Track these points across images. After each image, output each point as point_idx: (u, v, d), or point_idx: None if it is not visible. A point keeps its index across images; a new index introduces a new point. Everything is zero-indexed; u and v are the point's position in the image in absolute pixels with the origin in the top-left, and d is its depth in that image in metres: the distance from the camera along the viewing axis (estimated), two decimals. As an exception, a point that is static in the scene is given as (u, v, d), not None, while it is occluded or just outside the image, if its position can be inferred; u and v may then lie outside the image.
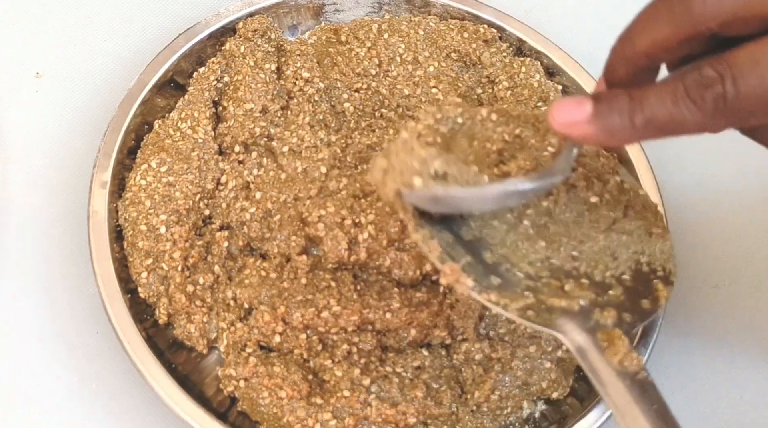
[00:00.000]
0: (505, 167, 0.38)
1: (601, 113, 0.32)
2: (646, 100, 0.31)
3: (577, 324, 0.34)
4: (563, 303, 0.35)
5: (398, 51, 0.55)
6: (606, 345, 0.34)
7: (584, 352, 0.34)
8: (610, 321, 0.34)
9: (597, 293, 0.36)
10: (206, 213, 0.48)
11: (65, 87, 0.55)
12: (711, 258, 0.54)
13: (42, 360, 0.46)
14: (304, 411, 0.42)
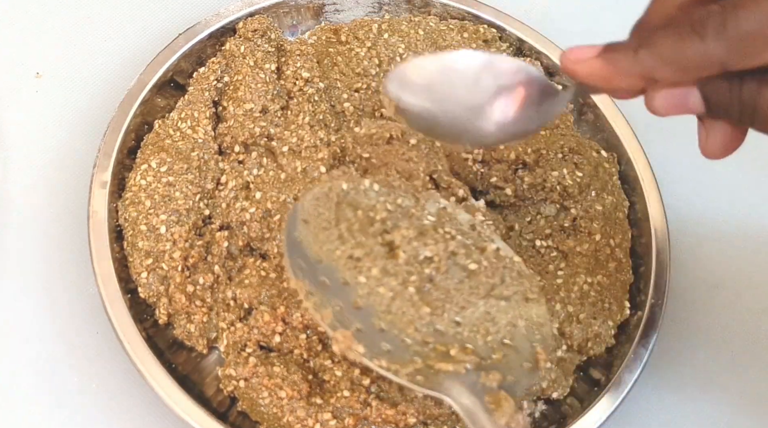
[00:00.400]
0: (389, 236, 0.41)
1: (608, 49, 0.33)
2: (652, 35, 0.32)
3: (465, 388, 0.35)
4: (450, 367, 0.36)
5: (398, 51, 0.55)
6: (493, 407, 0.35)
7: (472, 415, 0.35)
8: (494, 383, 0.36)
9: (481, 357, 0.37)
10: (206, 213, 0.48)
11: (65, 87, 0.55)
12: (711, 258, 0.54)
13: (42, 360, 0.46)
14: (304, 411, 0.42)
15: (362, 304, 0.38)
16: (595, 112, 0.54)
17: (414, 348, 0.37)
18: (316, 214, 0.41)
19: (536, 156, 0.51)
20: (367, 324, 0.37)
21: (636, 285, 0.49)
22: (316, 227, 0.40)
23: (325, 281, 0.38)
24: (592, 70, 0.34)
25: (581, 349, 0.47)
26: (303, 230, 0.40)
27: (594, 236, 0.49)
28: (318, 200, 0.41)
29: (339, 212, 0.41)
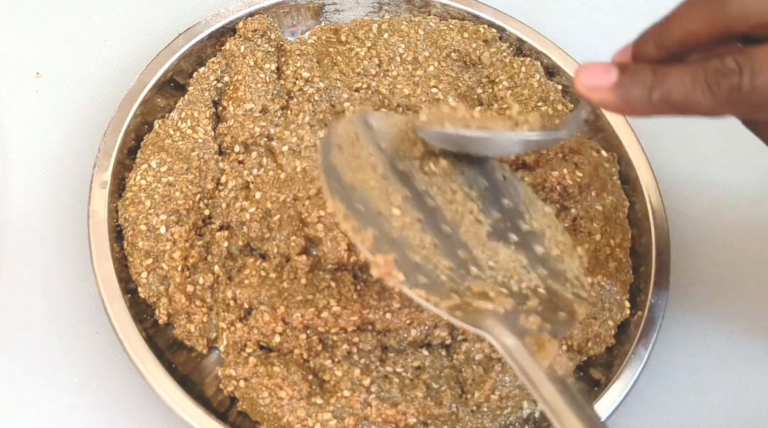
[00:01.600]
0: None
1: (624, 83, 0.34)
2: (667, 78, 0.33)
3: (506, 327, 0.34)
4: (489, 305, 0.35)
5: (398, 51, 0.55)
6: (536, 348, 0.34)
7: (514, 354, 0.34)
8: (535, 327, 0.35)
9: (517, 302, 0.36)
10: (206, 213, 0.48)
11: (65, 87, 0.55)
12: (711, 258, 0.54)
13: (42, 360, 0.46)
14: (304, 411, 0.42)
15: (396, 236, 0.37)
16: (595, 112, 0.54)
17: (450, 285, 0.36)
18: (350, 142, 0.39)
19: (536, 156, 0.51)
20: (402, 256, 0.36)
21: (636, 285, 0.49)
22: (350, 154, 0.39)
23: (359, 207, 0.37)
24: (604, 100, 0.35)
25: (581, 349, 0.47)
26: (337, 155, 0.38)
27: (594, 236, 0.49)
28: (351, 126, 0.40)
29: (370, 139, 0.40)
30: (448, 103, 0.43)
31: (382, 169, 0.39)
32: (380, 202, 0.38)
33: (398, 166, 0.40)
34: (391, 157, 0.40)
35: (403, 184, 0.39)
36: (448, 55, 0.55)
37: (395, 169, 0.39)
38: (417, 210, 0.38)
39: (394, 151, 0.40)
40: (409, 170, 0.40)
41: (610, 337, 0.47)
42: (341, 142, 0.39)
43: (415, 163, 0.40)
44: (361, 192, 0.37)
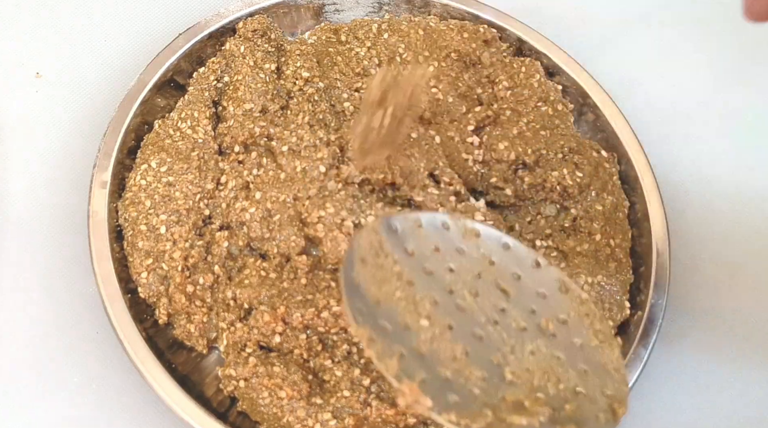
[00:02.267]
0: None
1: None
2: None
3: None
4: (524, 421, 0.34)
5: (398, 51, 0.55)
6: None
7: None
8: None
9: (554, 408, 0.35)
10: (206, 213, 0.48)
11: (65, 87, 0.55)
12: (711, 258, 0.54)
13: (42, 361, 0.46)
14: (304, 411, 0.42)
15: (426, 350, 0.35)
16: (595, 112, 0.54)
17: (483, 399, 0.34)
18: (374, 252, 0.38)
19: (536, 156, 0.51)
20: (432, 373, 0.35)
21: (636, 285, 0.49)
22: (374, 266, 0.38)
23: (385, 325, 0.36)
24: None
25: (581, 349, 0.47)
26: (360, 270, 0.37)
27: (594, 236, 0.49)
28: (375, 235, 0.38)
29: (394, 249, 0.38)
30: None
31: (408, 275, 0.38)
32: (407, 314, 0.36)
33: (426, 267, 0.38)
34: (419, 259, 0.38)
35: (431, 287, 0.37)
36: (448, 55, 0.55)
37: (423, 271, 0.38)
38: (447, 315, 0.37)
39: (421, 252, 0.39)
40: (437, 270, 0.38)
41: (610, 337, 0.47)
42: (365, 254, 0.38)
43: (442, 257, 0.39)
44: (387, 306, 0.36)
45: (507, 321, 0.37)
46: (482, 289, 0.38)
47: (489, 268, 0.39)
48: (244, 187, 0.49)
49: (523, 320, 0.38)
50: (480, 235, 0.40)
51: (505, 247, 0.40)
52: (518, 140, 0.52)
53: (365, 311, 0.35)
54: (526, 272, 0.40)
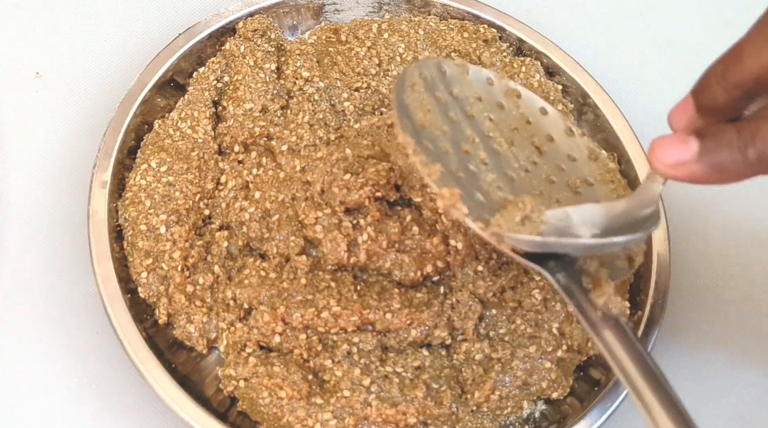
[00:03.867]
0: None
1: (709, 150, 0.30)
2: (759, 133, 0.29)
3: (563, 266, 0.35)
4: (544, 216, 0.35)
5: (398, 50, 0.55)
6: (592, 287, 0.35)
7: (571, 292, 0.34)
8: (592, 268, 0.35)
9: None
10: (206, 213, 0.48)
11: (65, 87, 0.55)
12: (711, 258, 0.54)
13: (42, 360, 0.46)
14: (304, 411, 0.42)
15: (462, 175, 0.37)
16: (595, 112, 0.54)
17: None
18: (423, 83, 0.40)
19: (536, 156, 0.51)
20: (468, 193, 0.36)
21: (636, 285, 0.49)
22: (423, 94, 0.39)
23: (428, 145, 0.37)
24: (692, 174, 0.31)
25: (581, 349, 0.47)
26: (410, 94, 0.39)
27: (594, 236, 0.49)
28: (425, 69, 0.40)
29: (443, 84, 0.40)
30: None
31: (452, 111, 0.39)
32: (449, 142, 0.38)
33: (467, 110, 0.40)
34: (463, 102, 0.40)
35: (471, 127, 0.39)
36: (448, 54, 0.55)
37: (465, 113, 0.40)
38: (484, 152, 0.38)
39: (465, 97, 0.40)
40: (478, 115, 0.40)
41: (610, 337, 0.47)
42: (415, 81, 0.39)
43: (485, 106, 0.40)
44: (430, 132, 0.38)
45: (538, 172, 0.39)
46: (517, 141, 0.39)
47: (526, 126, 0.41)
48: (243, 186, 0.49)
49: (552, 174, 0.39)
50: (521, 96, 0.42)
51: (542, 112, 0.42)
52: (518, 140, 0.52)
53: (410, 129, 0.37)
54: (560, 136, 0.41)
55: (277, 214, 0.47)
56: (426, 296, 0.46)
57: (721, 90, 0.30)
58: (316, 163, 0.48)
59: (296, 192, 0.48)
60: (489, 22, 0.57)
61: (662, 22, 0.64)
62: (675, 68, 0.61)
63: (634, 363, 0.32)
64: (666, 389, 0.32)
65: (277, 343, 0.44)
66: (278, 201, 0.48)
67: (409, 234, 0.47)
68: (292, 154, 0.49)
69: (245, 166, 0.49)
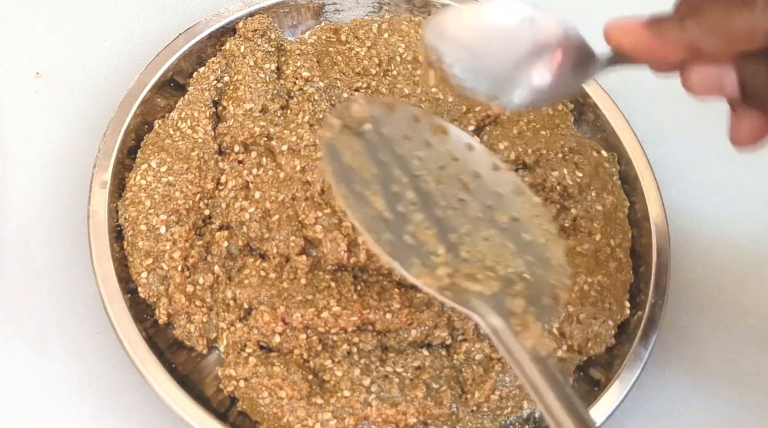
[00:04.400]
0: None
1: (655, 18, 0.33)
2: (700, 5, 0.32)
3: (492, 308, 0.35)
4: (477, 287, 0.36)
5: (398, 50, 0.55)
6: (520, 329, 0.35)
7: (499, 334, 0.35)
8: (519, 309, 0.36)
9: (503, 285, 0.37)
10: (206, 213, 0.48)
11: (65, 87, 0.55)
12: (711, 258, 0.54)
13: (42, 360, 0.46)
14: (304, 411, 0.42)
15: (390, 217, 0.38)
16: (595, 112, 0.54)
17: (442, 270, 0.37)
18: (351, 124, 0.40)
19: (536, 156, 0.51)
20: (397, 236, 0.37)
21: (636, 285, 0.49)
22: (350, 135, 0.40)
23: (357, 188, 0.38)
24: (637, 40, 0.34)
25: (581, 349, 0.47)
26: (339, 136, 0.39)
27: (594, 236, 0.49)
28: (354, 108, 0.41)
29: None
30: None
31: (380, 152, 0.40)
32: (377, 184, 0.38)
33: (395, 150, 0.40)
34: (390, 141, 0.40)
35: (400, 168, 0.39)
36: (448, 54, 0.55)
37: (393, 153, 0.40)
38: (412, 193, 0.39)
39: (392, 136, 0.41)
40: (406, 154, 0.40)
41: (610, 337, 0.47)
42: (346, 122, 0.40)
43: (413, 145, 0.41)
44: (360, 174, 0.38)
45: (465, 210, 0.39)
46: (445, 179, 0.40)
47: (452, 163, 0.41)
48: (243, 186, 0.49)
49: (479, 211, 0.40)
50: (447, 133, 0.42)
51: (468, 148, 0.42)
52: (518, 140, 0.52)
53: (339, 171, 0.38)
54: (486, 172, 0.42)
55: (277, 214, 0.47)
56: (426, 296, 0.46)
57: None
58: (316, 163, 0.48)
59: (296, 192, 0.48)
60: (489, 22, 0.57)
61: (662, 22, 0.64)
62: (675, 68, 0.61)
63: (562, 404, 0.33)
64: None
65: (277, 343, 0.44)
66: (278, 201, 0.48)
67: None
68: (292, 154, 0.49)
69: (245, 166, 0.49)
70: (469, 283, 0.36)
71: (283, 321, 0.44)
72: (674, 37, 0.33)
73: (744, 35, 0.31)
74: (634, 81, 0.60)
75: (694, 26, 0.32)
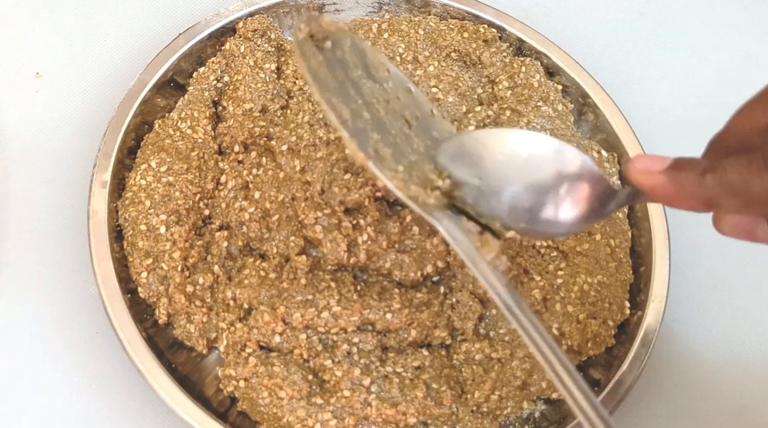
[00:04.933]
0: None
1: (677, 166, 0.33)
2: (722, 162, 0.31)
3: (453, 222, 0.37)
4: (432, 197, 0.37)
5: (398, 50, 0.55)
6: (479, 245, 0.36)
7: (461, 244, 0.36)
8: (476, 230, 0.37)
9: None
10: (206, 213, 0.48)
11: (65, 87, 0.55)
12: (711, 258, 0.54)
13: (42, 360, 0.46)
14: (304, 411, 0.42)
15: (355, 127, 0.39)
16: (595, 112, 0.54)
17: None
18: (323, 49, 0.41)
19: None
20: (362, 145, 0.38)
21: (636, 285, 0.49)
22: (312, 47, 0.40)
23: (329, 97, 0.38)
24: (656, 185, 0.33)
25: (581, 349, 0.47)
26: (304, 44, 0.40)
27: (594, 236, 0.49)
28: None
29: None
30: None
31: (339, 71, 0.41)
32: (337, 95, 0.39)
33: (349, 74, 0.41)
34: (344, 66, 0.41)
35: (354, 89, 0.41)
36: (448, 54, 0.55)
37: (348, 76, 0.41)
38: (367, 112, 0.40)
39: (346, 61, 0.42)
40: (358, 81, 0.41)
41: (610, 337, 0.47)
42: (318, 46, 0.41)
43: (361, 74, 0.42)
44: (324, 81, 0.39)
45: (410, 143, 0.41)
46: (391, 112, 0.41)
47: (396, 101, 0.42)
48: (243, 186, 0.49)
49: (422, 148, 0.41)
50: (390, 72, 0.43)
51: (408, 91, 0.44)
52: (518, 140, 0.51)
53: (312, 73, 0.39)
54: (424, 116, 0.43)
55: (276, 214, 0.47)
56: (426, 296, 0.46)
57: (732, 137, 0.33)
58: (316, 163, 0.48)
59: (296, 192, 0.48)
60: (489, 22, 0.57)
61: (662, 22, 0.64)
62: (675, 68, 0.61)
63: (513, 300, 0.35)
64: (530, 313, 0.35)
65: (277, 343, 0.44)
66: (278, 201, 0.48)
67: (409, 234, 0.47)
68: (292, 154, 0.49)
69: (245, 166, 0.49)
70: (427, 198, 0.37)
71: (283, 321, 0.44)
72: (692, 192, 0.32)
73: (763, 200, 0.30)
74: (634, 81, 0.60)
75: (713, 184, 0.31)
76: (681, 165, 0.33)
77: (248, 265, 0.46)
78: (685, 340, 0.51)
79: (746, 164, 0.30)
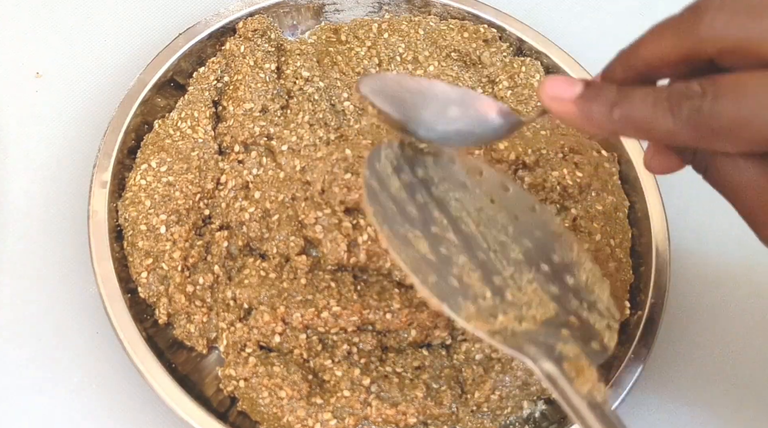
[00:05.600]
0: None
1: (587, 96, 0.33)
2: (630, 96, 0.32)
3: (544, 353, 0.35)
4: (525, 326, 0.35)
5: (398, 50, 0.55)
6: (575, 374, 0.34)
7: (554, 380, 0.34)
8: (572, 354, 0.35)
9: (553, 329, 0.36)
10: (206, 213, 0.48)
11: (65, 87, 0.55)
12: (711, 258, 0.54)
13: (42, 360, 0.46)
14: (304, 411, 0.42)
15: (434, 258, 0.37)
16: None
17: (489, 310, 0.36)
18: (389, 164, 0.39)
19: (536, 156, 0.51)
20: (442, 278, 0.36)
21: (636, 285, 0.49)
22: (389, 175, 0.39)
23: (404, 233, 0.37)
24: (566, 112, 0.34)
25: (581, 349, 0.47)
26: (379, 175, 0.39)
27: (594, 236, 0.49)
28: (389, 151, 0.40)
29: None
30: None
31: (419, 195, 0.39)
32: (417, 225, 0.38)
33: (433, 192, 0.40)
34: (427, 184, 0.40)
35: (439, 209, 0.39)
36: (448, 54, 0.55)
37: (431, 195, 0.39)
38: (453, 233, 0.38)
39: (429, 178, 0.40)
40: (444, 196, 0.40)
41: (610, 337, 0.47)
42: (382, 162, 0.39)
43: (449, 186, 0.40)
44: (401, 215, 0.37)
45: (506, 252, 0.39)
46: (484, 221, 0.39)
47: (490, 205, 0.40)
48: (243, 186, 0.49)
49: (521, 253, 0.39)
50: (483, 174, 0.42)
51: (504, 188, 0.42)
52: (518, 140, 0.52)
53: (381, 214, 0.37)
54: (524, 214, 0.41)
55: (277, 214, 0.47)
56: (426, 296, 0.46)
57: (620, 70, 0.34)
58: (316, 163, 0.48)
59: (296, 192, 0.48)
60: (489, 22, 0.57)
61: (662, 22, 0.64)
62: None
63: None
64: None
65: (277, 343, 0.44)
66: (278, 201, 0.48)
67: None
68: (292, 153, 0.49)
69: (245, 166, 0.49)
70: (517, 325, 0.35)
71: (283, 321, 0.44)
72: (600, 124, 0.33)
73: (664, 139, 0.32)
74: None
75: (620, 119, 0.32)
76: (591, 95, 0.33)
77: (248, 265, 0.46)
78: (685, 340, 0.51)
79: (651, 104, 0.31)
